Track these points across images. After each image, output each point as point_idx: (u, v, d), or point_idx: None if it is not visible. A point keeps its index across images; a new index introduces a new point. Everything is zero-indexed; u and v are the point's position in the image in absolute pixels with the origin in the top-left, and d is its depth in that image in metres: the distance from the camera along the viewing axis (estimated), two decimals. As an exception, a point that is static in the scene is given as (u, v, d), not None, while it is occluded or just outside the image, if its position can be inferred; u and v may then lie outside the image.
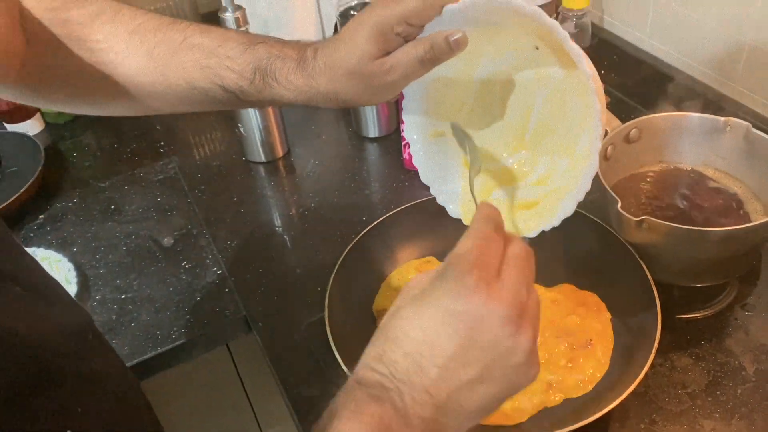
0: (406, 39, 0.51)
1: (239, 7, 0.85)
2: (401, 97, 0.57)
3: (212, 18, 1.10)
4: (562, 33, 0.46)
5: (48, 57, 0.57)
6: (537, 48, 0.51)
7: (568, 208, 0.51)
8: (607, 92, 0.90)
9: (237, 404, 0.95)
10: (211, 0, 1.11)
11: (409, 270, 0.73)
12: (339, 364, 0.62)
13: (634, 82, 0.97)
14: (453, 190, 0.58)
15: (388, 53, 0.51)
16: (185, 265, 0.84)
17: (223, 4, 0.86)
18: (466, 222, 0.57)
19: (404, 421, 0.37)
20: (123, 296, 0.80)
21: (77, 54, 0.57)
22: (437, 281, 0.40)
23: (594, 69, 0.48)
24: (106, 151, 1.05)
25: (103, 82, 0.59)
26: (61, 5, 0.57)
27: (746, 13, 0.82)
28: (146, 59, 0.57)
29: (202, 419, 0.93)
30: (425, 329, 0.39)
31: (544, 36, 0.49)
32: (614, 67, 1.01)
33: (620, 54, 1.02)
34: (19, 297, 0.39)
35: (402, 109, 0.58)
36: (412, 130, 0.58)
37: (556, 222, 0.52)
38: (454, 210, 0.58)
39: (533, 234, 0.54)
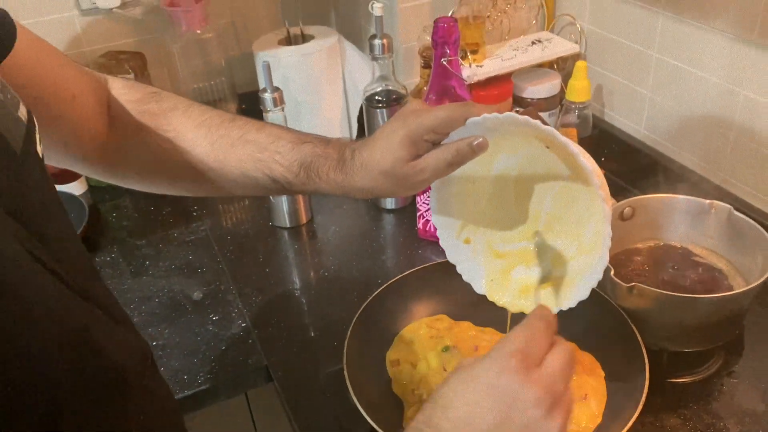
0: (434, 144, 0.59)
1: (277, 89, 0.96)
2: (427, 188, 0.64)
3: (248, 97, 1.22)
4: (562, 140, 0.52)
5: (126, 140, 0.67)
6: (547, 147, 0.58)
7: (582, 292, 0.57)
8: (606, 176, 0.99)
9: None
10: (249, 81, 1.23)
11: (421, 326, 0.80)
12: (355, 412, 0.67)
13: (630, 167, 1.06)
14: (477, 269, 0.65)
15: (418, 156, 0.59)
16: (212, 317, 0.90)
17: (263, 86, 0.96)
18: (490, 298, 0.64)
19: None
20: (154, 343, 0.87)
21: (151, 140, 0.66)
22: (485, 359, 0.46)
23: (597, 168, 0.54)
24: (143, 212, 1.13)
25: (169, 166, 0.68)
26: (142, 98, 0.67)
27: (731, 111, 0.92)
28: (209, 149, 0.66)
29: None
30: (468, 400, 0.44)
31: (552, 141, 0.56)
32: (613, 154, 1.10)
33: (618, 143, 1.11)
34: (101, 318, 0.46)
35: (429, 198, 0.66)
36: (440, 224, 0.65)
37: (572, 303, 0.58)
38: (478, 287, 0.64)
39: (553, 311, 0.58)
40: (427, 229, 0.99)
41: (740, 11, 0.86)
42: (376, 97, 1.03)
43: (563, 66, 1.18)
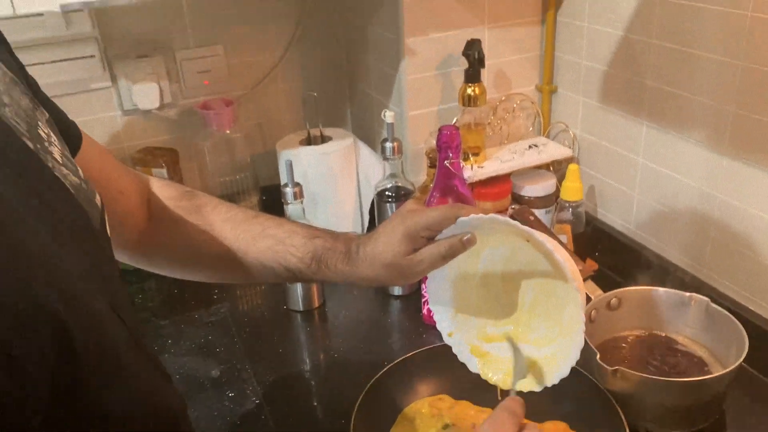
0: (429, 239, 0.69)
1: (297, 184, 1.06)
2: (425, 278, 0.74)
3: (270, 190, 1.33)
4: (539, 238, 0.62)
5: (162, 232, 0.77)
6: (528, 241, 0.67)
7: (563, 370, 0.65)
8: (599, 269, 1.07)
9: None
10: (271, 175, 1.34)
11: (423, 405, 0.86)
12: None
13: (621, 261, 1.13)
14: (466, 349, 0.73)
15: (416, 250, 0.69)
16: (229, 393, 0.97)
17: (285, 181, 1.07)
18: (483, 377, 0.71)
19: None
20: (174, 416, 0.93)
21: (183, 232, 0.76)
22: None
23: (571, 261, 0.63)
24: (167, 295, 1.21)
25: (198, 256, 0.78)
26: (177, 196, 0.78)
27: (709, 212, 1.01)
28: (233, 242, 0.76)
29: None
30: None
31: (531, 238, 0.65)
32: (605, 249, 1.18)
33: (609, 238, 1.20)
34: (159, 376, 0.54)
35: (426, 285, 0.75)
36: (436, 309, 0.74)
37: (555, 380, 0.65)
38: (472, 366, 0.72)
39: (537, 389, 0.67)
40: (432, 314, 1.06)
41: (711, 124, 0.97)
42: (387, 193, 1.13)
43: (558, 167, 1.28)
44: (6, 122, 0.45)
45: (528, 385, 0.68)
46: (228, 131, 1.28)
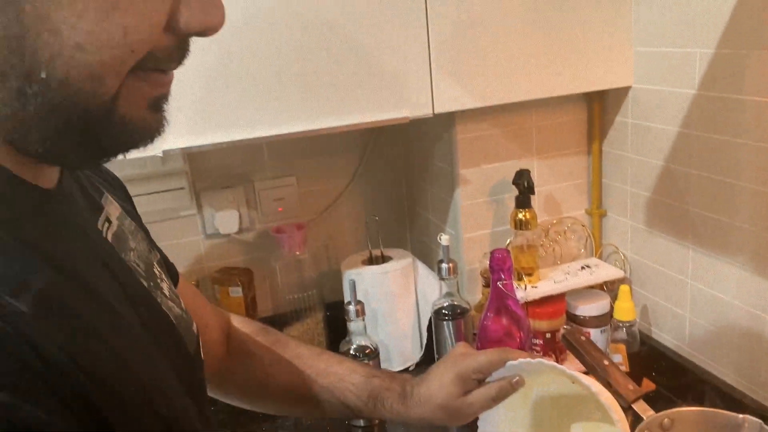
0: (480, 381, 0.75)
1: (359, 302, 1.15)
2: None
3: (334, 306, 1.41)
4: (585, 381, 0.67)
5: (238, 364, 0.85)
6: (573, 382, 0.71)
7: None
8: (656, 389, 1.08)
9: None
10: (335, 291, 1.43)
11: None
12: None
13: (675, 381, 1.14)
14: None
15: (468, 392, 0.75)
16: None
17: (348, 299, 1.16)
18: None
19: None
20: None
21: (257, 366, 0.84)
22: None
23: (616, 403, 0.67)
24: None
25: (269, 389, 0.84)
26: (255, 331, 0.87)
27: (759, 331, 1.03)
28: (300, 377, 0.83)
29: None
30: None
31: (576, 381, 0.69)
32: (660, 368, 1.20)
33: (664, 358, 1.21)
34: None
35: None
36: None
37: None
38: None
39: None
40: None
41: (753, 248, 1.01)
42: (443, 311, 1.20)
43: (611, 288, 1.33)
44: (129, 265, 0.55)
45: None
46: (298, 253, 1.40)
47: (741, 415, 0.90)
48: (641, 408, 0.94)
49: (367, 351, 1.16)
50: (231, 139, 0.98)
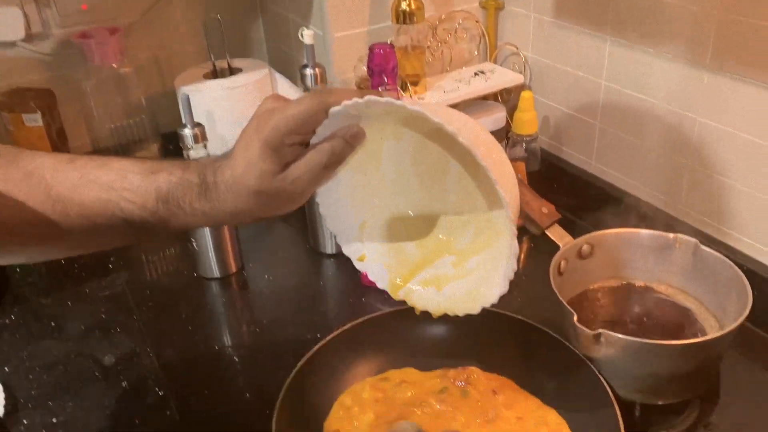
0: (302, 145, 0.51)
1: (198, 124, 0.87)
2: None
3: (173, 137, 1.12)
4: (435, 119, 0.47)
5: None
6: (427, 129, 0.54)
7: (502, 287, 0.53)
8: (558, 212, 0.92)
9: None
10: (174, 120, 1.13)
11: (365, 388, 0.70)
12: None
13: (584, 203, 0.99)
14: (382, 269, 0.61)
15: (287, 165, 0.51)
16: (125, 385, 0.78)
17: (183, 121, 0.87)
18: (410, 303, 0.61)
19: None
20: (54, 420, 0.74)
21: None
22: None
23: (480, 142, 0.49)
24: (52, 266, 1.01)
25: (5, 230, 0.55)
26: None
27: (686, 139, 0.87)
28: (45, 199, 0.55)
29: None
30: None
31: (424, 120, 0.49)
32: (564, 189, 1.04)
33: (568, 177, 1.06)
34: None
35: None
36: (338, 230, 0.60)
37: (494, 299, 0.54)
38: (383, 284, 0.61)
39: (474, 310, 0.57)
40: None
41: (690, 36, 0.82)
42: (311, 133, 0.94)
43: (507, 98, 1.13)
44: None
45: (462, 307, 0.58)
46: (115, 65, 1.07)
47: (672, 235, 0.75)
48: (557, 234, 0.77)
49: (213, 187, 0.90)
50: None
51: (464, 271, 0.59)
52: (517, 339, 0.72)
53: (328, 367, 0.71)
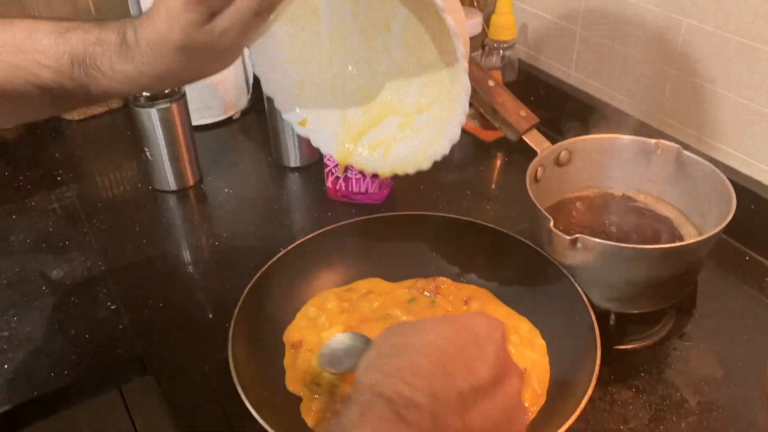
0: None
1: None
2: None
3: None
4: None
5: None
6: None
7: (452, 134, 0.50)
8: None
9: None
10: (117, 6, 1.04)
11: (329, 297, 0.66)
12: (246, 407, 0.53)
13: (560, 113, 0.94)
14: (326, 134, 0.58)
15: (213, 15, 0.45)
16: (74, 300, 0.74)
17: (133, 14, 0.79)
18: (341, 161, 0.58)
19: None
20: (-2, 335, 0.70)
21: None
22: None
23: None
24: (-7, 177, 0.94)
25: None
26: None
27: (671, 44, 0.82)
28: None
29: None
30: None
31: None
32: (541, 101, 0.99)
33: (546, 87, 1.01)
34: None
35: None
36: (275, 91, 0.55)
37: (445, 149, 0.52)
38: (329, 148, 0.58)
39: (425, 166, 0.54)
40: (338, 188, 0.85)
41: (682, -73, 0.76)
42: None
43: (484, 4, 1.06)
44: None
45: (412, 163, 0.55)
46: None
47: (653, 140, 0.71)
48: (535, 140, 0.73)
49: (167, 91, 0.84)
50: None
51: (412, 131, 0.55)
52: (489, 248, 0.68)
53: (289, 277, 0.67)
